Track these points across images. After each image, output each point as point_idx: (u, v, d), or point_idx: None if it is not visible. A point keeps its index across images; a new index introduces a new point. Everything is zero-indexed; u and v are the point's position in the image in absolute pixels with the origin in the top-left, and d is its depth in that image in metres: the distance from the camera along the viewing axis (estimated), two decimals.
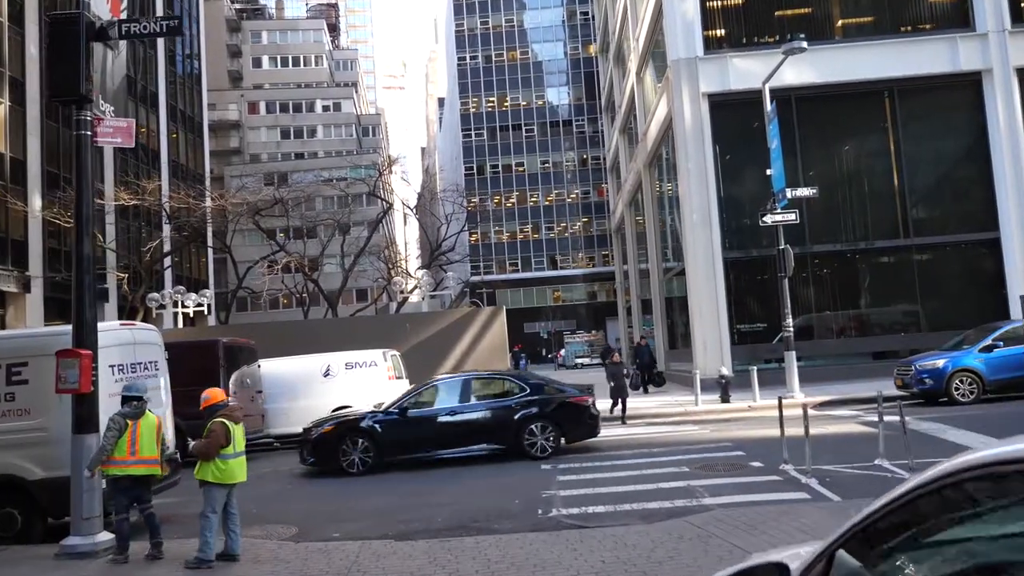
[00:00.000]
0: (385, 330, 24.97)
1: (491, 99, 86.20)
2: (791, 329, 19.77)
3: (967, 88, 24.26)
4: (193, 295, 30.09)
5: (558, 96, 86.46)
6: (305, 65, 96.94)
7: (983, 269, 24.37)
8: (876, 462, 10.75)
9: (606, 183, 69.91)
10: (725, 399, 19.80)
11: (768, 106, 20.15)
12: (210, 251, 57.98)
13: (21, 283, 34.83)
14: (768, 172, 20.06)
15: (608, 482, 10.92)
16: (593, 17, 70.42)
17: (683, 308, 29.72)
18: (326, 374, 18.48)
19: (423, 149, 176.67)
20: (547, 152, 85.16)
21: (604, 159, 72.75)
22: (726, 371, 20.09)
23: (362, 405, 17.94)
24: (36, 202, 35.59)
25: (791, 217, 19.81)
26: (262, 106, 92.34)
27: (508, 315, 25.95)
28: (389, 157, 46.69)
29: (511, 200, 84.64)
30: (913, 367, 17.66)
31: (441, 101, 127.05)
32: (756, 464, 11.43)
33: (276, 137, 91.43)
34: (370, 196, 41.92)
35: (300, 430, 18.17)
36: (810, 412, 18.21)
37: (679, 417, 19.03)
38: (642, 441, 14.88)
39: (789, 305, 19.78)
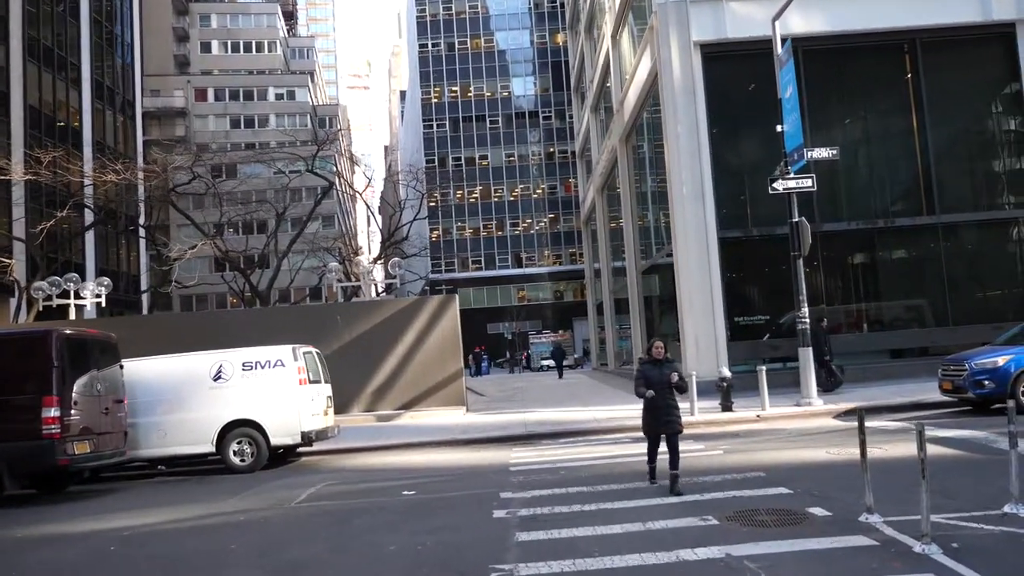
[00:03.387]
0: (315, 324, 20.80)
1: (454, 89, 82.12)
2: (807, 321, 15.95)
3: (999, 41, 20.75)
4: (90, 284, 25.48)
5: (524, 87, 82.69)
6: (258, 51, 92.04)
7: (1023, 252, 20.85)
8: (1008, 510, 6.91)
9: (574, 177, 66.18)
10: (727, 407, 15.93)
11: (779, 47, 16.33)
12: (142, 244, 53.21)
13: None
14: (779, 128, 16.21)
15: (594, 547, 6.90)
16: (562, 4, 66.66)
17: (664, 302, 25.92)
18: (217, 377, 14.22)
19: (386, 147, 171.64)
20: (512, 145, 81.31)
21: (572, 153, 69.13)
22: (727, 372, 16.18)
23: (267, 417, 13.88)
24: None
25: (807, 184, 16.01)
26: (211, 93, 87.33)
27: (471, 315, 22.14)
28: (338, 132, 42.16)
29: (474, 195, 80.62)
30: (967, 366, 13.94)
31: (403, 95, 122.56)
32: (819, 512, 7.47)
33: (225, 126, 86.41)
34: (308, 173, 37.23)
35: (184, 452, 14.11)
36: (839, 424, 14.90)
37: None
38: (636, 469, 10.91)
39: (804, 291, 15.96)
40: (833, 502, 7.73)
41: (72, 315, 25.27)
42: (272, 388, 14.14)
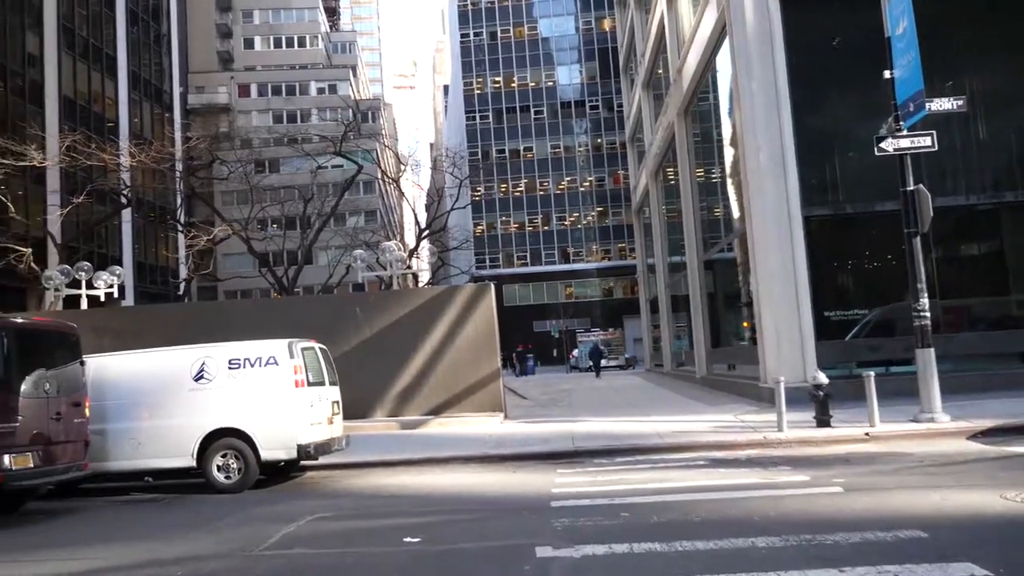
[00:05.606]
0: (330, 316, 18.19)
1: (497, 79, 79.40)
2: (926, 314, 12.79)
3: None
4: (104, 274, 23.30)
5: (569, 75, 79.56)
6: (299, 46, 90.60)
7: None
8: None
9: (623, 169, 63.02)
10: (823, 421, 12.85)
11: None
12: (180, 238, 51.61)
13: None
14: (887, 74, 13.06)
15: None
16: None
17: (731, 296, 22.89)
18: (199, 377, 11.63)
19: (431, 144, 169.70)
20: (558, 136, 78.29)
21: (621, 144, 65.94)
22: (822, 377, 13.05)
23: (256, 426, 11.28)
24: None
25: (925, 142, 12.86)
26: (253, 88, 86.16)
27: (516, 312, 19.37)
28: (357, 106, 39.77)
29: (519, 188, 77.78)
30: None
31: (447, 89, 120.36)
32: None
33: (268, 121, 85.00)
34: (347, 165, 34.92)
35: (160, 465, 11.59)
36: (983, 449, 10.68)
37: (755, 450, 12.13)
38: (728, 513, 7.97)
39: (923, 277, 12.82)
40: None
41: (84, 305, 23.19)
42: (263, 391, 11.51)
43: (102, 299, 23.81)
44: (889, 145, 12.89)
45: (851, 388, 14.38)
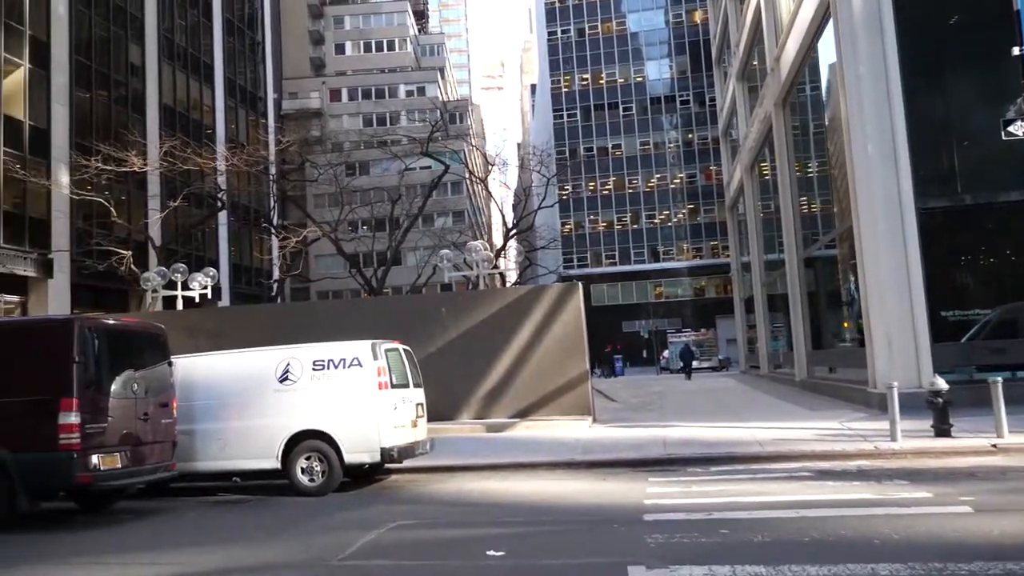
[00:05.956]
0: (416, 317, 17.93)
1: (584, 76, 78.53)
2: None
3: None
4: (199, 275, 23.78)
5: (659, 70, 77.98)
6: (389, 50, 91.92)
7: None
8: None
9: (715, 164, 61.40)
10: (943, 431, 11.80)
11: None
12: (274, 240, 52.82)
13: (41, 266, 29.95)
14: (1016, 51, 11.92)
15: None
16: None
17: (833, 295, 21.71)
18: (283, 378, 11.48)
19: (519, 145, 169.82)
20: (647, 132, 76.85)
21: (713, 139, 64.30)
22: (941, 383, 11.98)
23: (340, 429, 11.07)
24: (62, 176, 30.74)
25: None
26: (344, 93, 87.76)
27: (604, 312, 18.79)
28: (444, 107, 39.69)
29: (607, 186, 76.75)
30: None
31: (534, 88, 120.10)
32: None
33: (358, 124, 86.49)
34: (424, 155, 34.87)
35: (245, 467, 11.52)
36: None
37: (865, 461, 11.21)
38: (841, 534, 7.23)
39: None
40: None
41: (179, 306, 23.75)
42: (346, 393, 11.27)
43: (197, 300, 24.31)
44: (1018, 128, 11.76)
45: (971, 395, 13.25)
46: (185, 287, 23.63)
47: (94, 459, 9.43)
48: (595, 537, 7.59)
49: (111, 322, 10.76)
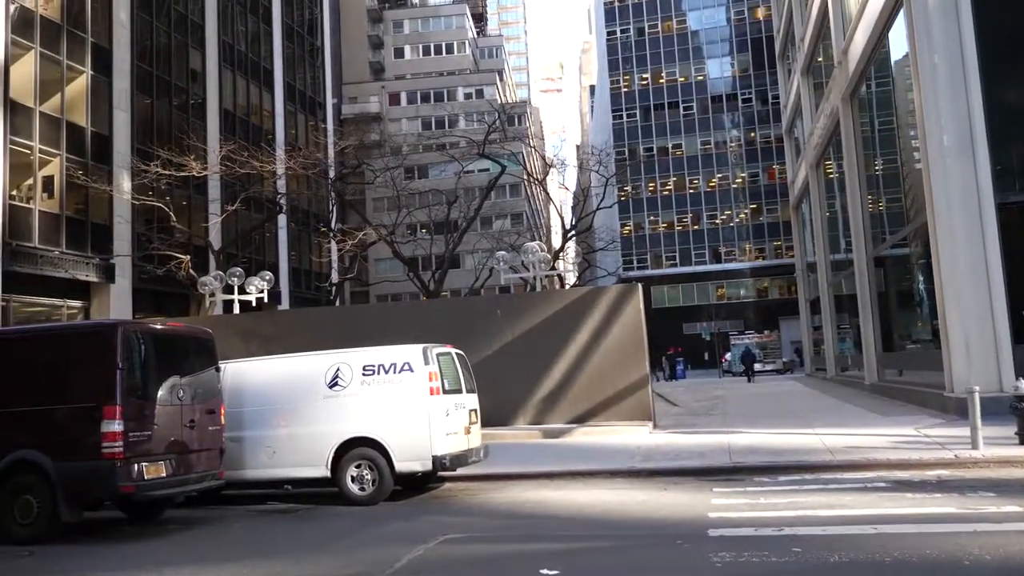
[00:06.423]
0: (471, 319, 17.66)
1: (644, 76, 77.55)
2: None
3: None
4: (256, 279, 23.93)
5: (720, 68, 76.63)
6: (447, 53, 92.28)
7: None
8: None
9: (779, 163, 60.00)
10: None
11: None
12: (333, 244, 53.28)
13: (103, 271, 30.59)
14: None
15: None
16: None
17: (905, 295, 20.78)
18: (333, 383, 11.28)
19: (578, 147, 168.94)
20: (708, 132, 75.56)
21: (776, 137, 62.87)
22: None
23: (391, 436, 10.83)
24: (124, 182, 31.35)
25: None
26: (403, 97, 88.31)
27: (665, 314, 18.39)
28: (503, 109, 39.33)
29: (667, 186, 75.65)
30: None
31: (593, 89, 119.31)
32: None
33: (417, 128, 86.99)
34: (480, 156, 34.59)
35: (294, 475, 11.35)
36: None
37: (945, 471, 10.52)
38: (927, 555, 6.68)
39: None
40: None
41: (236, 310, 23.93)
42: (397, 399, 11.00)
43: (254, 304, 24.41)
44: None
45: None
46: (242, 291, 23.78)
47: (138, 468, 9.24)
48: (657, 554, 7.16)
49: (157, 327, 10.69)
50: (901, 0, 16.24)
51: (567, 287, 36.91)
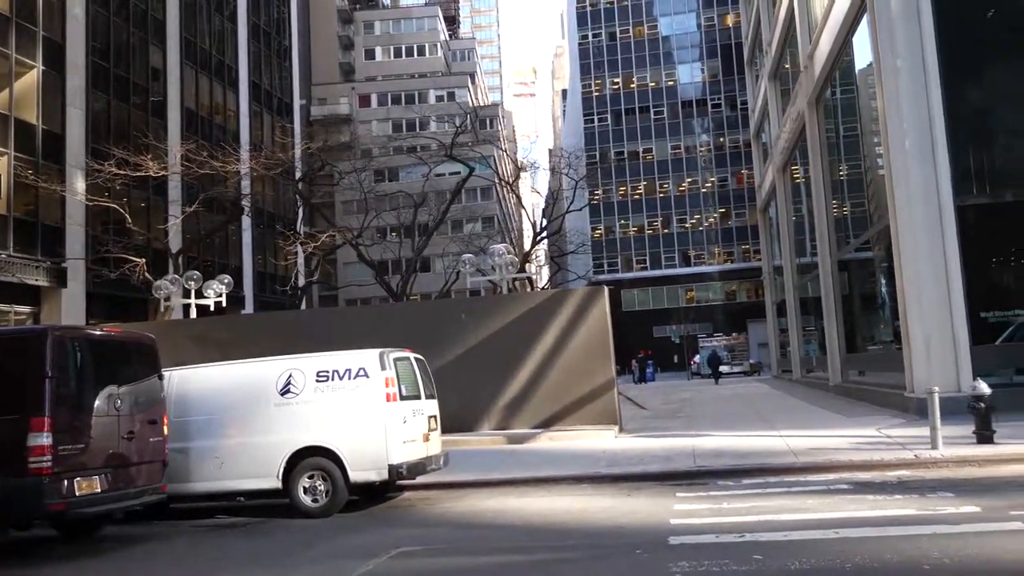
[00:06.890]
0: (432, 323, 17.43)
1: (615, 80, 77.85)
2: None
3: None
4: (214, 283, 23.44)
5: (690, 73, 77.16)
6: (419, 55, 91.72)
7: None
8: None
9: (747, 168, 60.37)
10: (985, 436, 11.08)
11: None
12: (299, 247, 52.74)
13: (54, 275, 29.67)
14: None
15: None
16: None
17: (868, 298, 20.89)
18: (285, 391, 10.97)
19: (550, 151, 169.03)
20: (678, 136, 76.04)
21: (744, 142, 63.24)
22: (984, 387, 11.23)
23: (345, 444, 10.55)
24: (78, 182, 30.42)
25: None
26: (373, 98, 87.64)
27: (635, 317, 18.19)
28: (475, 112, 39.22)
29: (638, 190, 75.99)
30: None
31: (565, 94, 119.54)
32: None
33: (387, 130, 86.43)
34: (448, 158, 34.39)
35: (243, 487, 10.98)
36: None
37: (906, 471, 10.51)
38: (887, 560, 6.57)
39: None
40: None
41: (193, 314, 23.43)
42: (352, 406, 10.72)
43: (212, 308, 23.82)
44: None
45: (1011, 399, 12.71)
46: (200, 295, 23.31)
47: (68, 484, 8.65)
48: (616, 565, 7.00)
49: (94, 333, 10.26)
50: (865, 5, 16.30)
51: (538, 290, 36.85)
